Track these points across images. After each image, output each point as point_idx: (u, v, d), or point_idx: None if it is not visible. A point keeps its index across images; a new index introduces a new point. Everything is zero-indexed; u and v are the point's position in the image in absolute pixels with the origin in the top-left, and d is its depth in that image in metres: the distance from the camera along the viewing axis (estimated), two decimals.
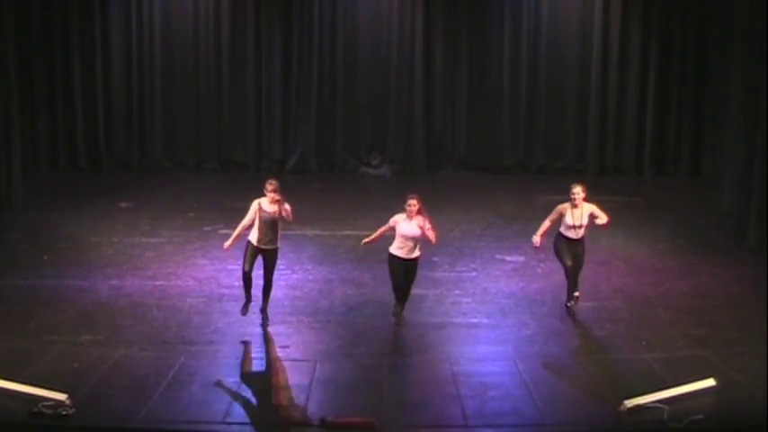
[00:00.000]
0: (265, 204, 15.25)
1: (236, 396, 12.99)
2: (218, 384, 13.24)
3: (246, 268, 15.28)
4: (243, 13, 27.23)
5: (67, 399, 12.23)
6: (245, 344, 14.80)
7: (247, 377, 13.63)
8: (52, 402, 12.17)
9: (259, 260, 15.41)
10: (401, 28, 27.40)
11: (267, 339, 15.07)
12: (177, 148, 27.61)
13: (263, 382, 13.59)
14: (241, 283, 15.55)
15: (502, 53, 27.32)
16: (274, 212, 15.18)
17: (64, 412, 12.06)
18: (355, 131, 27.76)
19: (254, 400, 12.92)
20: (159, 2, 26.97)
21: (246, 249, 15.38)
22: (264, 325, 15.49)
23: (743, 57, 21.45)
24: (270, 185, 15.22)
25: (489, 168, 27.45)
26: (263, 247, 15.31)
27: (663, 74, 26.85)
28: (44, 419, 11.97)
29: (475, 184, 26.02)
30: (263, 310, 15.64)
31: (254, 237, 15.34)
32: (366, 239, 15.82)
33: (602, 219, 15.81)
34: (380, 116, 27.70)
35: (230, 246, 15.58)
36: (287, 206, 15.16)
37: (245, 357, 14.36)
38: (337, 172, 27.48)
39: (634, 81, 27.09)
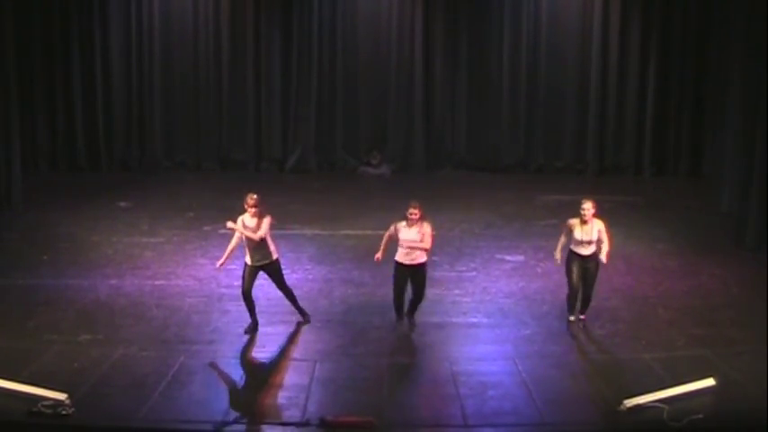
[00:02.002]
0: (247, 220, 14.88)
1: (236, 395, 12.98)
2: (217, 384, 13.27)
3: (244, 288, 15.06)
4: (242, 13, 27.27)
5: (67, 398, 12.22)
6: (245, 343, 14.79)
7: (247, 376, 13.63)
8: (51, 402, 12.16)
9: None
10: (401, 27, 27.44)
11: (266, 339, 15.06)
12: (177, 148, 27.66)
13: (263, 382, 13.59)
14: (244, 304, 15.25)
15: (501, 53, 27.36)
16: (257, 227, 14.76)
17: (63, 412, 12.06)
18: (355, 131, 27.80)
19: (253, 400, 12.91)
20: (159, 2, 26.99)
21: (244, 270, 15.12)
22: (304, 321, 15.52)
23: (742, 57, 21.47)
24: (250, 200, 14.78)
25: (489, 168, 27.49)
26: (258, 264, 15.01)
27: (662, 73, 26.87)
28: (43, 419, 11.96)
29: (474, 184, 26.05)
30: (300, 313, 15.57)
31: (247, 256, 15.07)
32: (378, 255, 15.26)
33: (603, 256, 15.28)
34: (380, 115, 27.74)
35: (223, 264, 15.37)
36: (264, 225, 14.81)
37: (245, 357, 14.35)
38: (337, 171, 27.52)
39: (633, 81, 27.12)
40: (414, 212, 14.80)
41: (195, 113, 27.56)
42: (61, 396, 12.25)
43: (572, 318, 15.75)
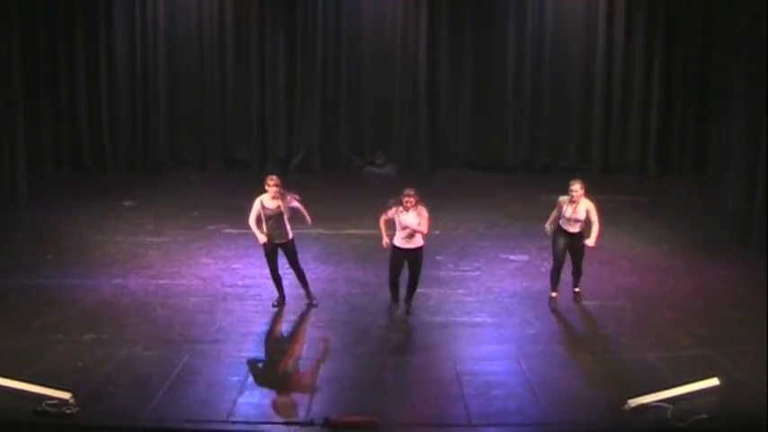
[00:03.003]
0: (267, 201, 15.56)
1: (240, 395, 12.97)
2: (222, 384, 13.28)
3: (271, 267, 15.94)
4: (247, 12, 27.30)
5: (71, 397, 12.22)
6: (249, 343, 14.80)
7: (251, 376, 13.62)
8: (56, 401, 12.16)
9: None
10: (405, 27, 27.46)
11: (270, 338, 15.10)
12: (181, 147, 27.68)
13: (267, 381, 13.59)
14: (272, 281, 16.14)
15: (506, 52, 27.37)
16: (277, 208, 15.51)
17: (68, 411, 12.06)
18: (360, 130, 27.82)
19: (257, 399, 12.90)
20: (163, 1, 27.00)
21: (264, 250, 15.85)
22: (311, 304, 16.18)
23: (747, 56, 21.43)
24: (270, 181, 15.56)
25: (493, 167, 27.50)
26: (276, 242, 15.71)
27: (667, 73, 26.89)
28: (48, 418, 11.97)
29: (479, 183, 26.06)
30: (308, 296, 16.28)
31: (265, 236, 15.71)
32: (385, 241, 15.64)
33: (591, 241, 15.82)
34: (385, 115, 27.75)
35: (265, 240, 15.78)
36: (296, 204, 15.77)
37: (249, 356, 14.34)
38: (341, 171, 27.52)
39: (638, 80, 27.13)
40: (409, 198, 15.23)
41: (200, 113, 27.59)
42: (66, 395, 12.24)
43: (554, 294, 16.31)
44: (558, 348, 14.80)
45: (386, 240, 15.59)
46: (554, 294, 16.32)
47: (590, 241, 15.83)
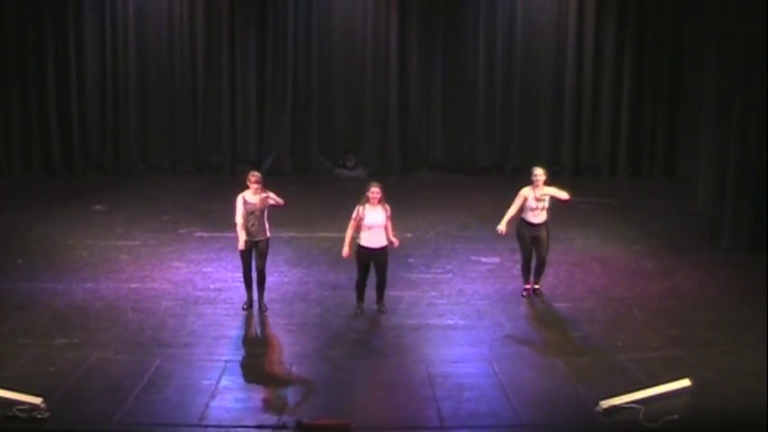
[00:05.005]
0: (249, 197, 15.79)
1: (212, 399, 12.94)
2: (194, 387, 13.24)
3: (245, 267, 16.00)
4: (217, 15, 27.13)
5: (42, 402, 12.16)
6: (221, 346, 14.76)
7: (223, 380, 13.59)
8: (27, 406, 12.11)
9: None
10: (376, 30, 27.38)
11: (242, 342, 15.08)
12: (152, 151, 27.48)
13: (239, 385, 13.57)
14: (243, 281, 16.18)
15: (477, 55, 27.33)
16: (258, 203, 15.74)
17: (39, 416, 12.01)
18: (330, 133, 27.73)
19: (229, 403, 12.88)
20: (133, 3, 26.86)
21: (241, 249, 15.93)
22: (262, 311, 16.08)
23: (717, 58, 21.51)
24: (252, 177, 15.91)
25: (465, 170, 27.44)
26: (254, 239, 15.80)
27: (637, 75, 26.90)
28: (19, 423, 11.91)
29: (450, 186, 25.99)
30: (260, 301, 16.22)
31: (243, 233, 15.82)
32: (346, 251, 15.83)
33: (564, 195, 16.52)
34: (356, 118, 27.67)
35: (244, 245, 15.86)
36: (271, 195, 15.91)
37: (221, 360, 14.31)
38: (313, 174, 27.43)
39: (608, 83, 27.12)
40: (375, 191, 15.61)
41: (170, 115, 27.42)
42: (36, 400, 12.19)
43: (527, 286, 16.89)
44: (529, 350, 14.86)
45: (346, 251, 15.78)
46: (527, 286, 16.87)
47: (564, 194, 16.49)
